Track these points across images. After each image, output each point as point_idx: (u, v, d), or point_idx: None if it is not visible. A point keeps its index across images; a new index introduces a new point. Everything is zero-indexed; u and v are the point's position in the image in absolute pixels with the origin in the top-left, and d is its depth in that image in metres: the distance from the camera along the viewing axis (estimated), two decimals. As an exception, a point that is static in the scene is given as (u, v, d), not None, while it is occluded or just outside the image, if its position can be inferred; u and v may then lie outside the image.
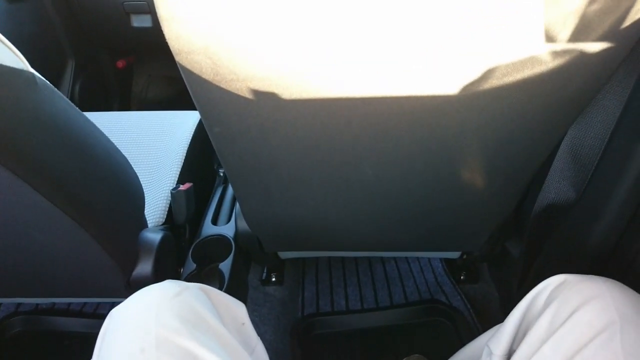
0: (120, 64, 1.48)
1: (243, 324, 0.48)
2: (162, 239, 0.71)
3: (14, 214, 0.48)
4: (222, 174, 1.16)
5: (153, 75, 1.60)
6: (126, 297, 0.72)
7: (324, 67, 0.38)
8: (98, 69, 1.45)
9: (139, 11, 1.23)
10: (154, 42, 1.35)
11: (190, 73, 0.40)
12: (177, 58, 0.40)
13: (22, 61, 0.44)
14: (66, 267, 0.62)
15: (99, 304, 0.96)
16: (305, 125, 0.46)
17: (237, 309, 0.48)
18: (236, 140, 0.50)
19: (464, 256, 0.85)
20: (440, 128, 0.46)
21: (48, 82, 0.48)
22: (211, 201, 0.95)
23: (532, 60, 0.37)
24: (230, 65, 0.39)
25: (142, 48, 1.47)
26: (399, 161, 0.52)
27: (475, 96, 0.41)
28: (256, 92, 0.42)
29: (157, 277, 0.69)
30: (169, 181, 0.83)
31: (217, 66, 0.39)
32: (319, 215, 0.66)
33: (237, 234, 0.76)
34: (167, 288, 0.42)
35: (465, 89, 0.40)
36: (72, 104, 0.53)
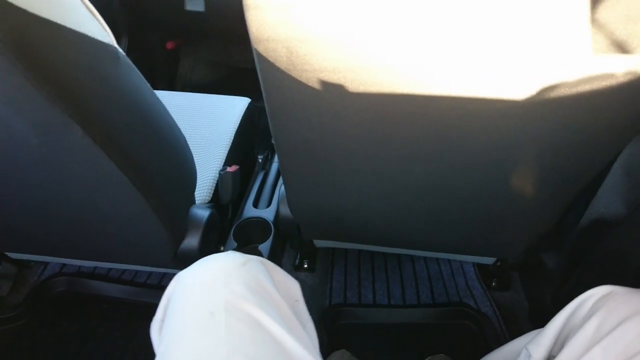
0: (169, 45, 1.52)
1: (297, 300, 0.50)
2: (210, 216, 0.74)
3: (86, 181, 0.52)
4: (260, 160, 1.19)
5: (199, 58, 1.64)
6: (172, 268, 0.76)
7: (394, 63, 0.39)
8: (148, 49, 1.49)
9: (194, -5, 1.27)
10: (204, 27, 1.38)
11: (264, 60, 0.42)
12: (255, 45, 0.42)
13: (109, 35, 0.47)
14: (122, 235, 0.66)
15: (137, 272, 1.01)
16: (366, 118, 0.48)
17: (293, 286, 0.50)
18: (296, 128, 0.52)
19: (498, 263, 0.85)
20: (500, 133, 0.47)
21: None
22: (253, 185, 0.97)
23: (605, 74, 0.38)
24: (306, 55, 0.41)
25: (192, 31, 1.51)
26: (451, 162, 0.53)
27: (540, 104, 0.41)
28: (324, 83, 0.43)
29: (202, 252, 0.73)
30: (216, 162, 0.86)
31: (292, 56, 0.41)
32: (362, 208, 0.68)
33: (279, 218, 0.79)
34: (234, 257, 0.45)
35: (532, 96, 0.40)
36: (145, 80, 0.56)
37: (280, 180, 0.98)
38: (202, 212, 0.74)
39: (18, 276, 0.95)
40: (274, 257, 0.84)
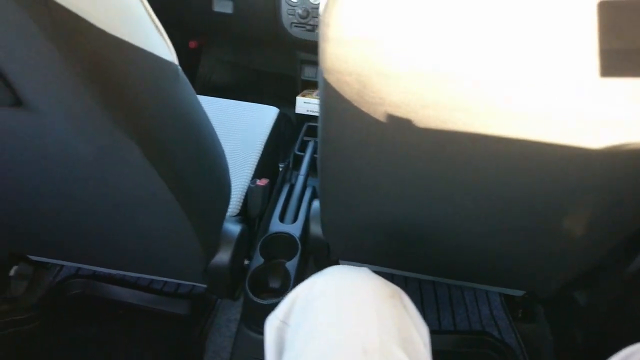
0: (192, 44, 1.50)
1: (425, 345, 0.43)
2: (241, 231, 0.72)
3: (133, 197, 0.50)
4: (281, 169, 1.17)
5: (220, 59, 1.62)
6: (199, 282, 0.74)
7: (470, 103, 0.38)
8: (170, 46, 1.47)
9: (224, -3, 1.25)
10: (230, 29, 1.36)
11: (332, 90, 0.41)
12: (326, 75, 0.40)
13: (171, 52, 0.46)
14: (156, 248, 0.64)
15: (152, 279, 0.98)
16: (428, 153, 0.47)
17: (422, 329, 0.43)
18: (349, 156, 0.51)
19: (526, 295, 0.84)
20: (565, 179, 0.46)
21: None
22: (278, 198, 0.96)
23: None
24: (379, 90, 0.39)
25: (217, 32, 1.49)
26: (505, 200, 0.52)
27: (612, 154, 0.40)
28: (393, 117, 0.42)
29: (231, 267, 0.71)
30: (246, 173, 0.85)
31: (365, 89, 0.40)
32: (402, 234, 0.66)
33: (309, 237, 0.77)
34: (381, 285, 0.42)
35: (606, 146, 0.39)
36: (196, 95, 0.54)
37: (306, 195, 0.96)
38: (234, 227, 0.72)
39: (34, 276, 0.93)
40: (300, 274, 0.82)
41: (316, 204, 0.78)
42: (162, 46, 0.42)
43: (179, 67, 0.47)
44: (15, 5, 0.27)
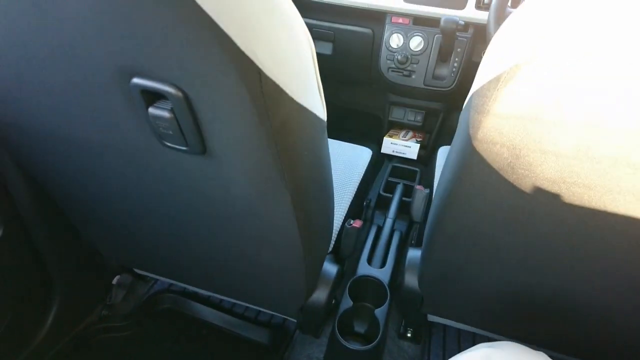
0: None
1: None
2: (337, 272, 0.73)
3: (266, 233, 0.53)
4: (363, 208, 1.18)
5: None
6: (294, 317, 0.75)
7: (623, 186, 0.37)
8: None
9: (325, 39, 1.31)
10: (327, 69, 1.43)
11: (480, 158, 0.41)
12: (475, 143, 0.41)
13: (324, 108, 0.49)
14: (263, 281, 0.66)
15: (236, 303, 1.02)
16: (562, 226, 0.46)
17: None
18: (475, 221, 0.51)
19: None
20: None
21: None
22: (366, 240, 0.96)
23: None
24: (531, 164, 0.39)
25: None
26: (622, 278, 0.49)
27: None
28: (540, 190, 0.42)
29: (326, 306, 0.72)
30: (340, 212, 0.86)
31: (516, 160, 0.40)
32: (510, 297, 0.64)
33: (402, 287, 0.76)
34: None
35: None
36: (327, 142, 0.57)
37: (394, 240, 0.96)
38: (331, 267, 0.73)
39: (131, 286, 1.00)
40: (387, 322, 0.81)
41: (412, 253, 0.77)
42: (321, 107, 0.45)
43: (325, 121, 0.50)
44: (236, 76, 0.31)
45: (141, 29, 0.30)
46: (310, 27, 1.29)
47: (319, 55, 1.36)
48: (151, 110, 0.35)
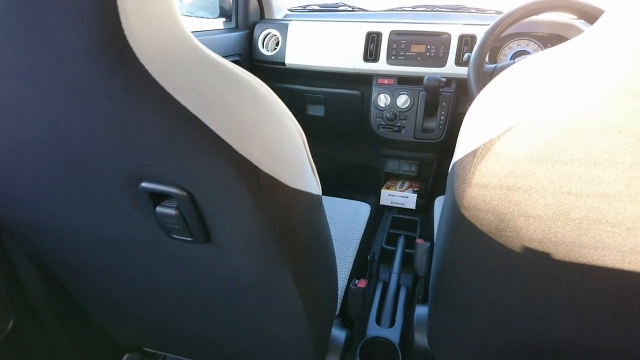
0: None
1: None
2: (347, 337, 0.73)
3: (270, 310, 0.54)
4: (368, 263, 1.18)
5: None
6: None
7: (609, 242, 0.39)
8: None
9: (317, 102, 1.39)
10: (321, 128, 1.49)
11: (468, 223, 0.43)
12: (462, 210, 0.43)
13: (319, 186, 0.52)
14: (271, 351, 0.66)
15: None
16: (558, 282, 0.47)
17: None
18: (474, 280, 0.52)
19: None
20: None
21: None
22: (372, 298, 0.96)
23: None
24: (520, 228, 0.41)
25: (308, 130, 1.63)
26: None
27: None
28: (530, 250, 0.43)
29: (336, 375, 0.71)
30: (344, 272, 0.87)
31: (502, 224, 0.42)
32: (504, 349, 0.63)
33: (413, 346, 0.76)
34: None
35: None
36: (324, 210, 0.59)
37: (402, 296, 0.96)
38: (339, 333, 0.73)
39: (140, 364, 0.99)
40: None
41: (420, 310, 0.77)
42: (315, 184, 0.48)
43: (320, 195, 0.53)
44: (235, 175, 0.34)
45: (147, 141, 0.33)
46: (302, 92, 1.37)
47: (313, 117, 1.43)
48: (158, 209, 0.37)
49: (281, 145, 0.39)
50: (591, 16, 0.87)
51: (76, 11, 0.27)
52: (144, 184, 0.36)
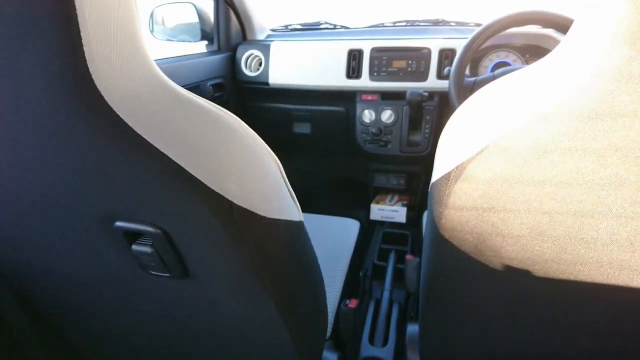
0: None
1: None
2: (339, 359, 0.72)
3: (253, 338, 0.53)
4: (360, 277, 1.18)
5: (296, 169, 1.76)
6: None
7: (587, 258, 0.39)
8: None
9: (303, 120, 1.39)
10: (308, 145, 1.50)
11: (449, 244, 0.44)
12: (442, 232, 0.43)
13: (299, 211, 0.52)
14: None
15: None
16: (540, 297, 0.47)
17: None
18: (455, 295, 0.52)
19: None
20: None
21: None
22: (365, 317, 0.95)
23: None
24: (500, 248, 0.41)
25: (295, 148, 1.64)
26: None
27: None
28: (509, 267, 0.44)
29: (330, 400, 0.70)
30: (334, 294, 0.86)
31: (481, 244, 0.42)
32: None
33: None
34: None
35: None
36: (307, 233, 0.59)
37: (394, 314, 0.95)
38: (331, 356, 0.72)
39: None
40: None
41: (411, 328, 0.77)
42: (295, 210, 0.48)
43: (302, 221, 0.52)
44: (208, 211, 0.34)
45: (119, 181, 0.33)
46: (289, 111, 1.38)
47: (299, 134, 1.44)
48: (134, 247, 0.37)
49: (255, 177, 0.38)
50: (563, 26, 0.89)
51: (42, 52, 0.27)
52: (118, 223, 0.36)
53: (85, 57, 0.28)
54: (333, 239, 1.00)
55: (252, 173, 0.38)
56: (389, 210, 1.38)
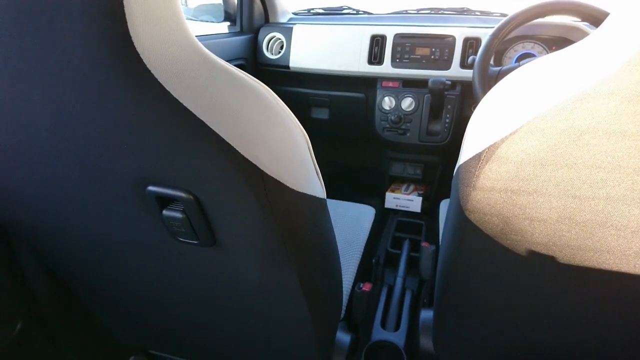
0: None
1: None
2: (352, 340, 0.73)
3: (276, 312, 0.54)
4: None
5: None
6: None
7: (614, 245, 0.38)
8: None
9: (322, 105, 1.39)
10: (326, 131, 1.50)
11: (473, 227, 0.43)
12: (467, 213, 0.43)
13: (324, 190, 0.52)
14: (275, 354, 0.67)
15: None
16: (562, 286, 0.47)
17: None
18: (480, 284, 0.52)
19: None
20: None
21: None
22: (378, 302, 0.96)
23: None
24: (525, 232, 0.41)
25: (312, 133, 1.64)
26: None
27: None
28: (534, 253, 0.44)
29: (341, 378, 0.71)
30: (349, 277, 0.87)
31: (507, 227, 0.42)
32: (512, 354, 0.63)
33: (419, 351, 0.76)
34: None
35: None
36: (329, 213, 0.59)
37: (407, 300, 0.96)
38: (344, 337, 0.73)
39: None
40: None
41: (425, 314, 0.77)
42: (319, 187, 0.48)
43: (325, 199, 0.53)
44: (241, 179, 0.34)
45: (154, 144, 0.34)
46: (307, 96, 1.38)
47: (317, 120, 1.43)
48: (165, 212, 0.38)
49: (286, 149, 0.39)
50: (596, 19, 0.87)
51: (84, 15, 0.28)
52: (151, 188, 0.37)
53: (125, 16, 0.28)
54: (349, 224, 1.01)
55: (284, 145, 0.38)
56: (404, 199, 1.38)
